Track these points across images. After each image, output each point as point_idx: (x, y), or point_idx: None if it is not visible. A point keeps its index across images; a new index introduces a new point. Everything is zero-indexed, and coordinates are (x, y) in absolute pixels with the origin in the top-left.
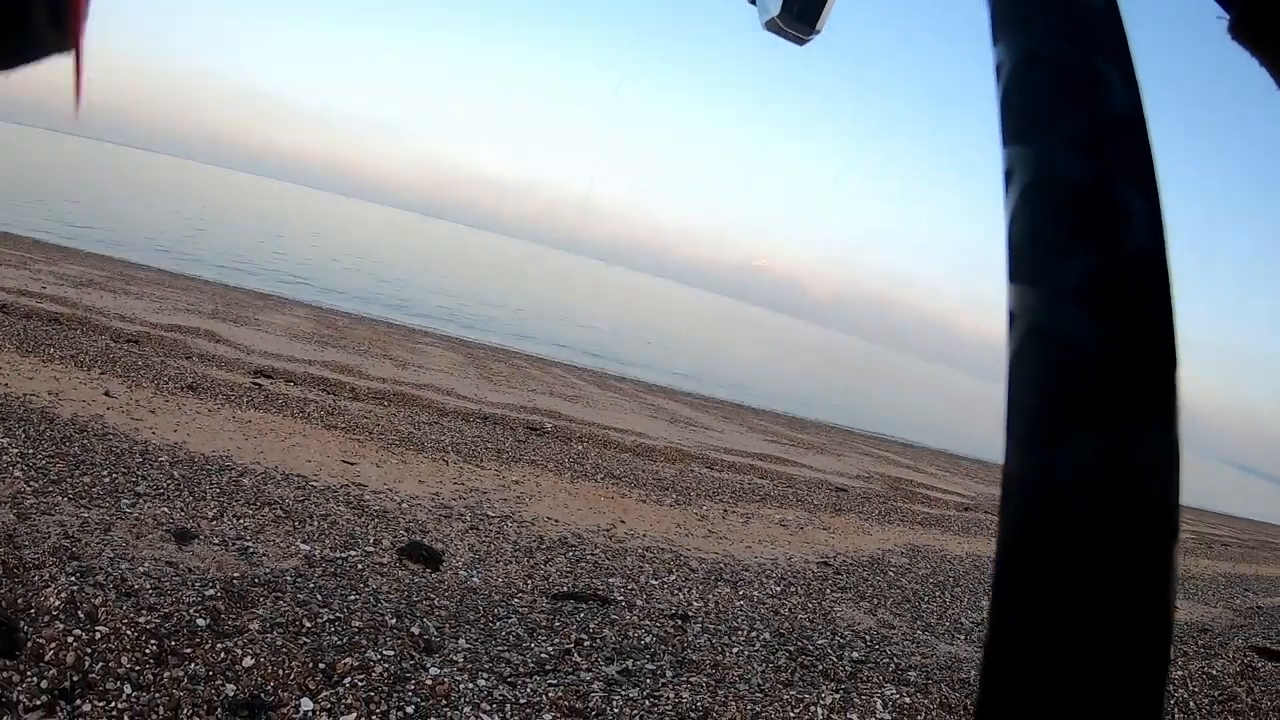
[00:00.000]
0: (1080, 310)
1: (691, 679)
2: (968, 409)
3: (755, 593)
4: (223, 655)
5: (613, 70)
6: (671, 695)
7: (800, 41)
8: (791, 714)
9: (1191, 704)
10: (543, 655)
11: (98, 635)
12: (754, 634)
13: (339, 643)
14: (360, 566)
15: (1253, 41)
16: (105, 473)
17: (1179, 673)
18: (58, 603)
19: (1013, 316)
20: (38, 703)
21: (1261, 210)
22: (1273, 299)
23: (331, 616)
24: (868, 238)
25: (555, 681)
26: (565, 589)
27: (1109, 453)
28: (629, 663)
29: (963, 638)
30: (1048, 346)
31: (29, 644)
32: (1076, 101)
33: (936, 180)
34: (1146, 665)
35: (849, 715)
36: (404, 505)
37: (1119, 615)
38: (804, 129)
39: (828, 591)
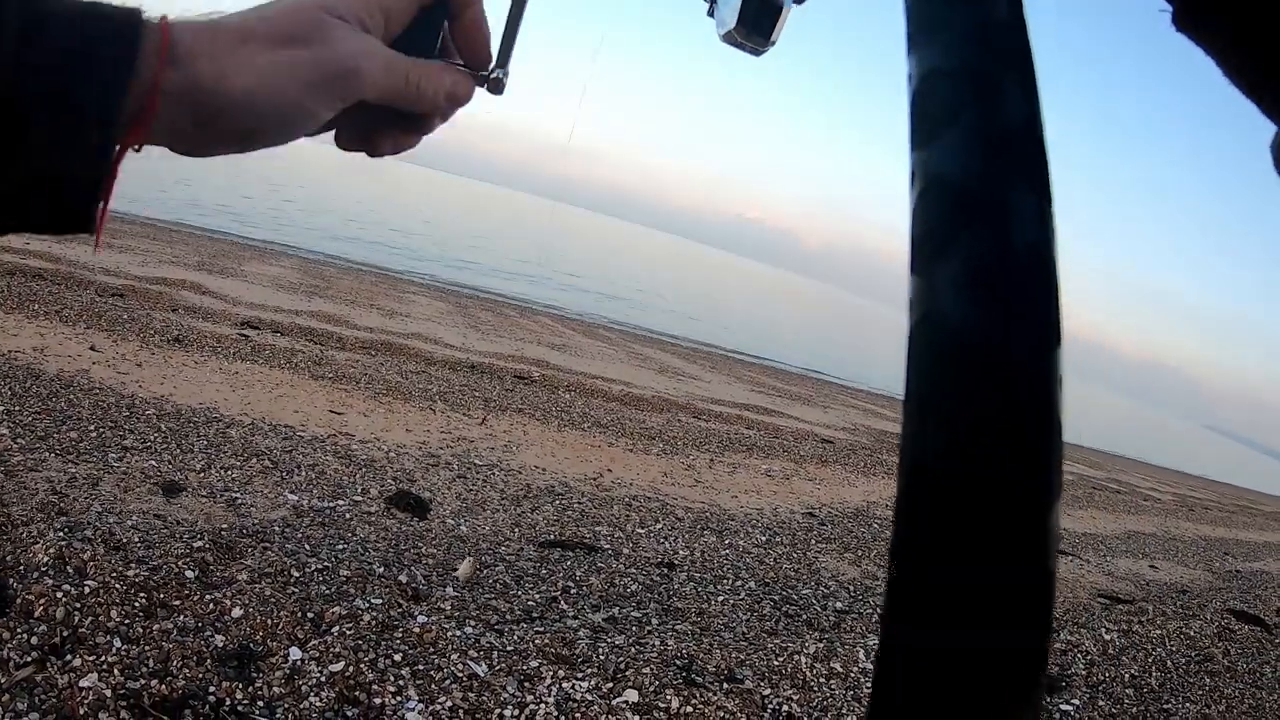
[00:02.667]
0: (963, 298)
1: (677, 627)
2: None
3: (741, 542)
4: (211, 606)
5: (596, 21)
6: (657, 642)
7: (757, 53)
8: (775, 662)
9: (1169, 663)
10: (530, 603)
11: (87, 590)
12: (739, 583)
13: (327, 592)
14: (348, 516)
15: (1196, 31)
16: (92, 427)
17: (1157, 632)
18: (46, 558)
19: (910, 305)
20: (28, 659)
21: (1246, 186)
22: (1255, 269)
23: (319, 566)
24: (862, 191)
25: (542, 629)
26: (552, 537)
27: (990, 428)
28: (615, 610)
29: None
30: (935, 332)
31: (18, 600)
32: (971, 110)
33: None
34: (1029, 613)
35: (832, 664)
36: (391, 454)
37: (1002, 575)
38: (799, 81)
39: (813, 542)
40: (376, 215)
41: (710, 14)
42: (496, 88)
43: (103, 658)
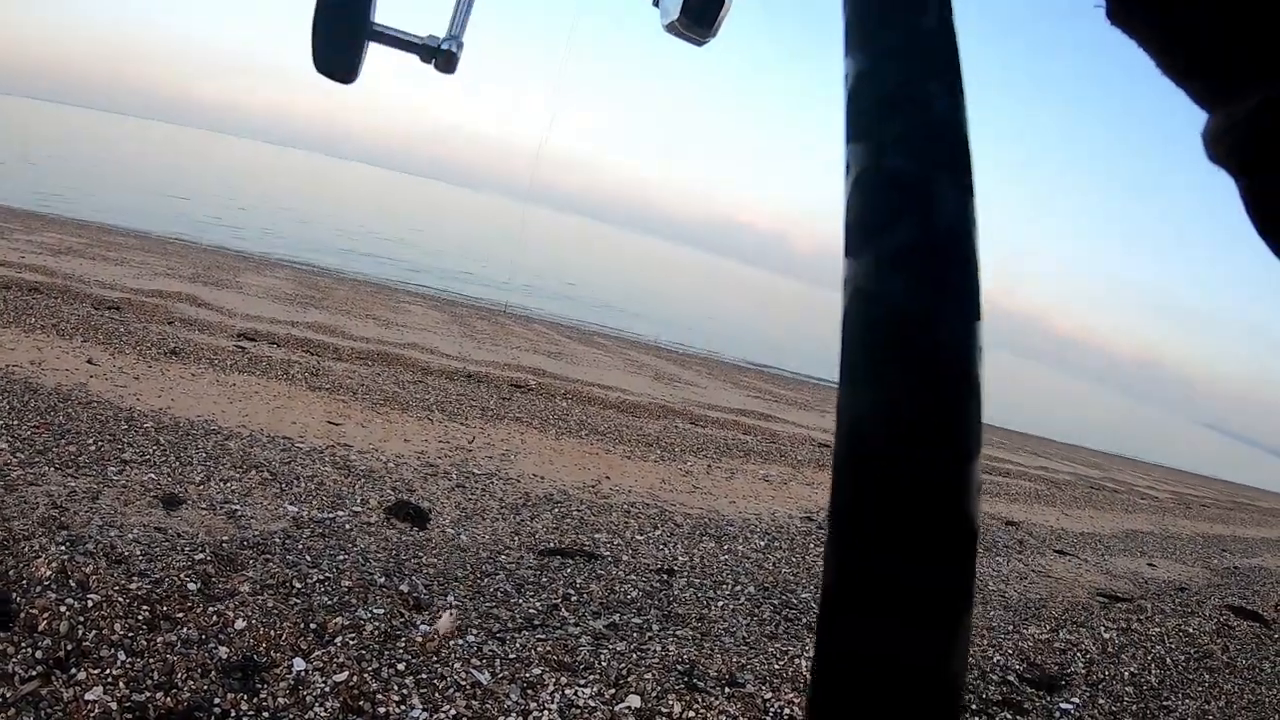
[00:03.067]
0: (893, 275)
1: (678, 632)
2: None
3: (740, 547)
4: (215, 618)
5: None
6: (658, 648)
7: (699, 43)
8: (776, 665)
9: (1168, 660)
10: (531, 610)
11: (90, 603)
12: (739, 588)
13: (329, 603)
14: (348, 526)
15: (1128, 24)
16: (91, 441)
17: (1156, 630)
18: (49, 573)
19: (845, 283)
20: (33, 673)
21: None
22: (1246, 263)
23: (321, 577)
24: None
25: (544, 636)
26: (552, 545)
27: (915, 398)
28: (616, 617)
29: None
30: (867, 305)
31: (22, 615)
32: (901, 108)
33: None
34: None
35: None
36: (390, 465)
37: (928, 519)
38: (786, 84)
39: (811, 546)
40: (359, 222)
41: (655, 3)
42: (448, 65)
43: (107, 671)
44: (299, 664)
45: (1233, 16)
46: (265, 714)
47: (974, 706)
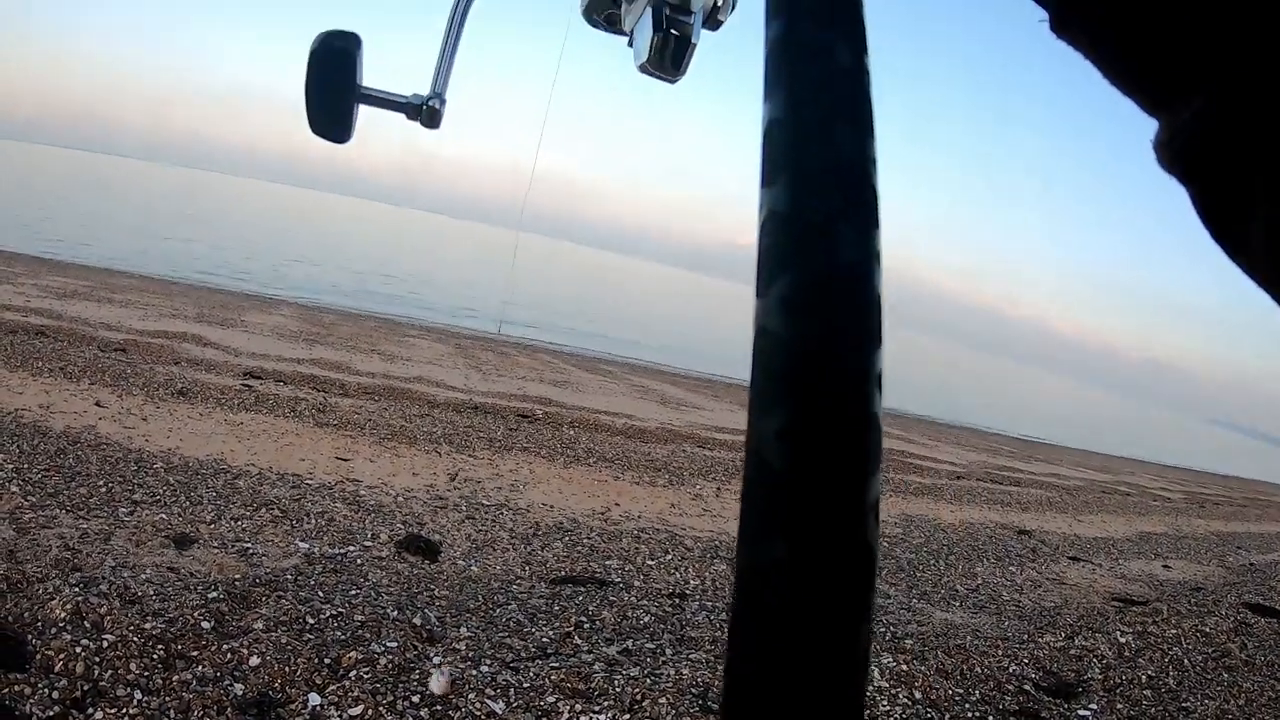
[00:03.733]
0: (788, 314)
1: (691, 656)
2: (954, 378)
3: None
4: (229, 656)
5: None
6: (672, 672)
7: (670, 81)
8: None
9: (1186, 661)
10: (544, 639)
11: (105, 644)
12: None
13: (342, 637)
14: (359, 561)
15: (1073, 37)
16: (101, 483)
17: (1172, 631)
18: (64, 614)
19: (754, 322)
20: (50, 713)
21: None
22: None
23: (334, 612)
24: None
25: (557, 664)
26: (563, 573)
27: (810, 429)
28: (629, 643)
29: (958, 604)
30: (764, 342)
31: (38, 656)
32: (806, 153)
33: (915, 143)
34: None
35: None
36: (399, 498)
37: (826, 541)
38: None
39: None
40: (362, 255)
41: (630, 44)
42: (432, 121)
43: (124, 710)
44: (314, 699)
45: (1171, 23)
46: None
47: (990, 718)
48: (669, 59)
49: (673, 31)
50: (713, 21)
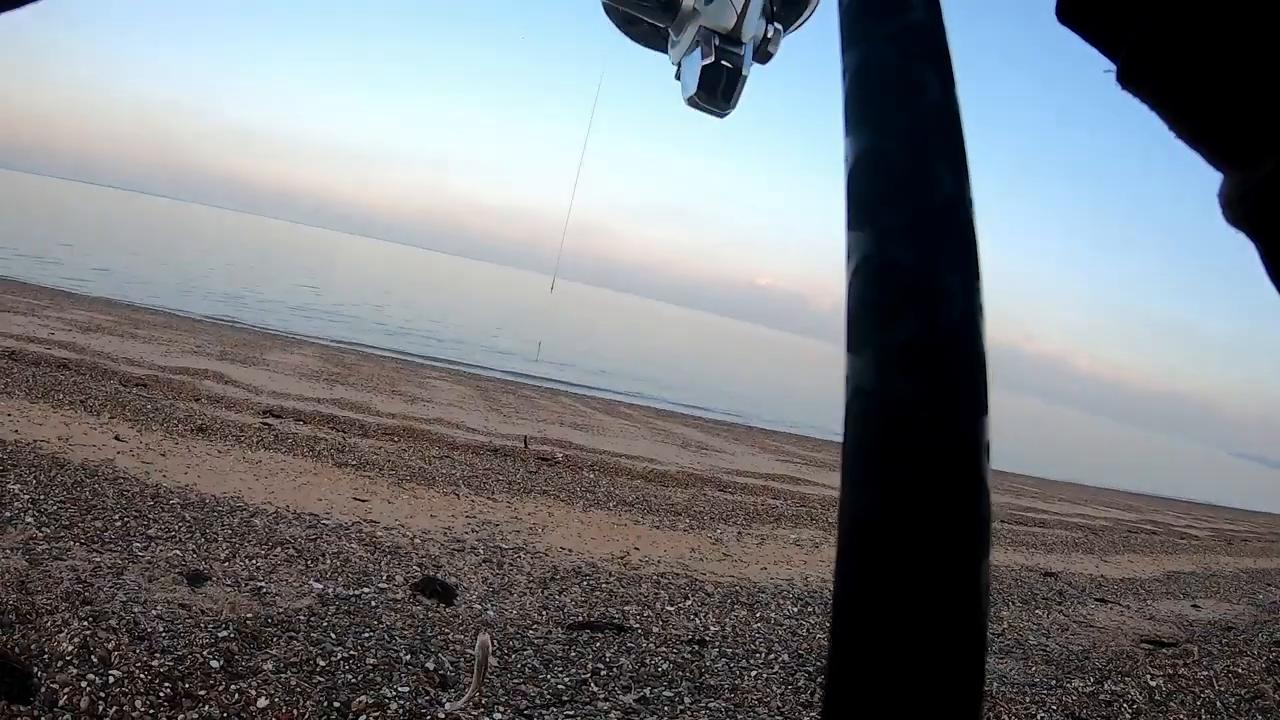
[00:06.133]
0: (894, 373)
1: (710, 704)
2: None
3: (772, 614)
4: (237, 696)
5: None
6: None
7: (719, 115)
8: None
9: (1218, 704)
10: (559, 686)
11: (111, 679)
12: (772, 656)
13: (353, 681)
14: (374, 604)
15: (1140, 89)
16: (117, 517)
17: (1204, 673)
18: (71, 648)
19: (847, 380)
20: None
21: None
22: (1258, 285)
23: (345, 655)
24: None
25: (573, 712)
26: (580, 619)
27: (921, 496)
28: (647, 690)
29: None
30: (867, 404)
31: (43, 689)
32: (904, 195)
33: None
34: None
35: None
36: (416, 540)
37: (936, 629)
38: (790, 143)
39: None
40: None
41: (677, 77)
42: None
43: None
44: None
45: (1243, 83)
46: None
47: None
48: (720, 92)
49: (724, 63)
50: (762, 54)
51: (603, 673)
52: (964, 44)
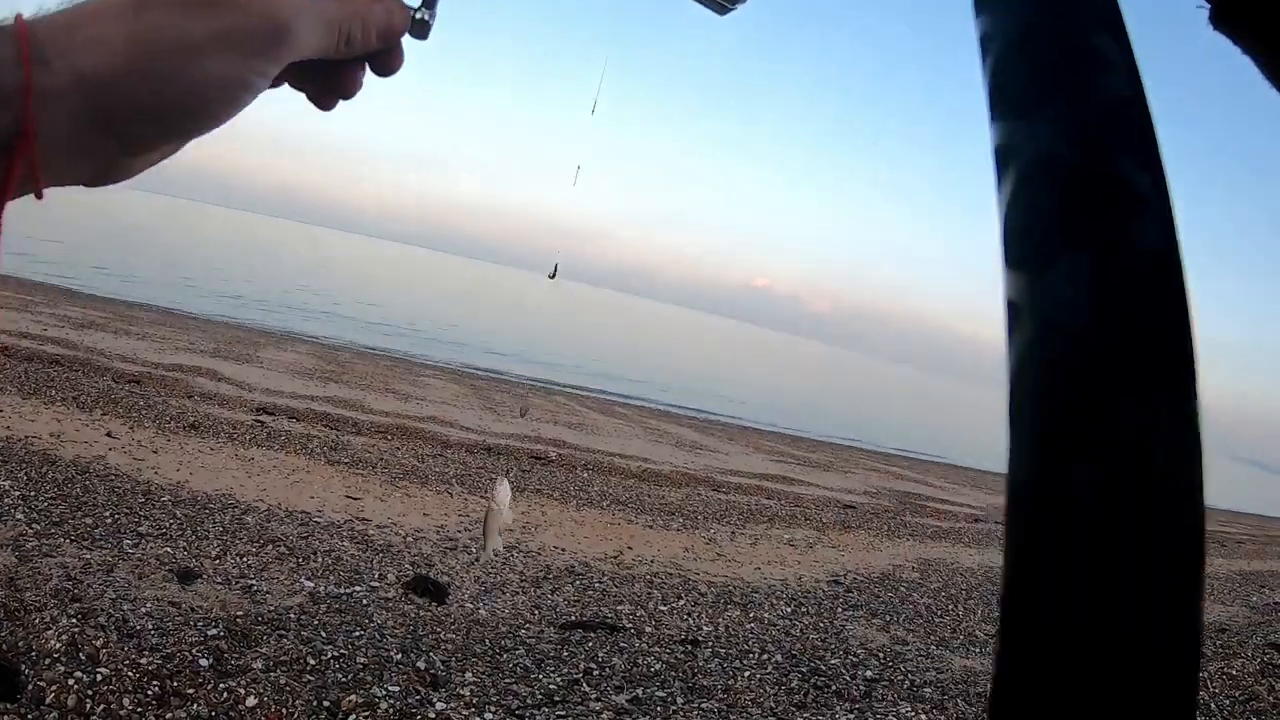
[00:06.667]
0: (1090, 304)
1: (703, 705)
2: (970, 420)
3: (766, 614)
4: (225, 695)
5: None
6: None
7: (722, 11)
8: None
9: (1213, 705)
10: (551, 686)
11: (99, 677)
12: (765, 656)
13: (344, 680)
14: (365, 602)
15: (1233, 31)
16: (108, 513)
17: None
18: (59, 645)
19: (1013, 306)
20: None
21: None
22: (1262, 287)
23: (336, 653)
24: (864, 248)
25: (564, 713)
26: (573, 618)
27: (1127, 466)
28: (639, 691)
29: (978, 650)
30: (1058, 342)
31: (30, 687)
32: (1077, 78)
33: (918, 180)
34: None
35: None
36: (409, 539)
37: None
38: (792, 143)
39: (839, 610)
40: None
41: None
42: (420, 31)
43: None
44: None
45: None
46: None
47: None
48: None
49: None
50: None
51: (595, 673)
52: None
